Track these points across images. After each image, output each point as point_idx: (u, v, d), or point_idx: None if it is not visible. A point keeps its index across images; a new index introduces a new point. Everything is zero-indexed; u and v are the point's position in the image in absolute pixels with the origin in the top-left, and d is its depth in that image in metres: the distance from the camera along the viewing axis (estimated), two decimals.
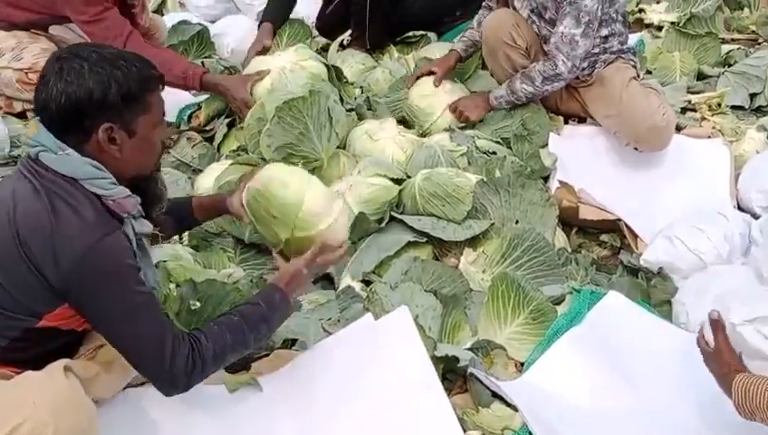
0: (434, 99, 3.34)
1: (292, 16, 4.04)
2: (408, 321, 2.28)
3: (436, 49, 3.94)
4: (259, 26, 3.94)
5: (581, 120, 3.44)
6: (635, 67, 3.30)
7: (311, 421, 2.11)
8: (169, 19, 4.38)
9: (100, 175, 1.76)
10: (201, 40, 4.17)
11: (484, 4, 3.54)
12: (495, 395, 2.24)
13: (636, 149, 3.20)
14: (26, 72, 3.52)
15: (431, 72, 3.38)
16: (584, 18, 3.03)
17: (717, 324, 1.94)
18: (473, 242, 2.74)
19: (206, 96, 3.63)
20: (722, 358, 1.92)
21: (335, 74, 3.45)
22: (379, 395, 2.15)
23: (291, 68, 3.21)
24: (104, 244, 1.71)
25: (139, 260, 1.85)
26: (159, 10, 4.60)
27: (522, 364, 2.37)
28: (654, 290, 2.59)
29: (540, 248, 2.66)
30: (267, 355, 2.35)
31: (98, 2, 3.35)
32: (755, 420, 1.83)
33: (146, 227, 1.90)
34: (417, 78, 3.43)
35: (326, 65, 3.31)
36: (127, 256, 1.78)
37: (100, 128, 1.73)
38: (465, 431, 2.11)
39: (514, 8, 3.32)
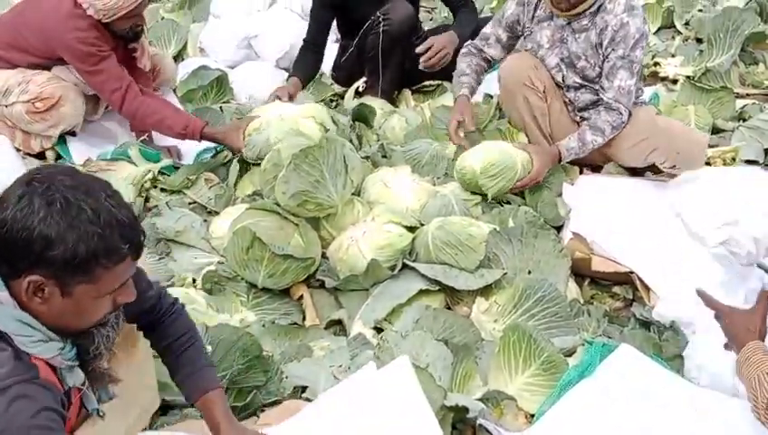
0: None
1: None
2: (408, 370, 2.26)
3: (452, 98, 3.99)
4: (287, 79, 4.01)
5: (596, 169, 3.46)
6: None
7: None
8: (189, 64, 4.46)
9: (24, 332, 1.61)
10: (220, 85, 4.23)
11: (471, 48, 3.58)
12: None
13: (673, 167, 3.26)
14: (33, 102, 3.61)
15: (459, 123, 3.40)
16: (636, 68, 3.21)
17: (766, 294, 2.16)
18: (485, 291, 2.74)
19: None
20: (752, 319, 2.12)
21: (363, 115, 3.65)
22: None
23: (279, 123, 3.27)
24: (4, 397, 1.54)
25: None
26: (180, 55, 4.67)
27: (532, 416, 2.36)
28: (666, 344, 2.59)
29: (552, 299, 2.66)
30: (277, 402, 2.37)
31: (94, 53, 3.48)
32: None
33: (76, 379, 1.73)
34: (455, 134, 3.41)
35: (325, 129, 3.32)
36: (34, 414, 1.55)
37: (27, 278, 1.56)
38: None
39: (527, 51, 3.39)
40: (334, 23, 4.20)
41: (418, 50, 3.85)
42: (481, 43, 3.54)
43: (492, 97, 3.78)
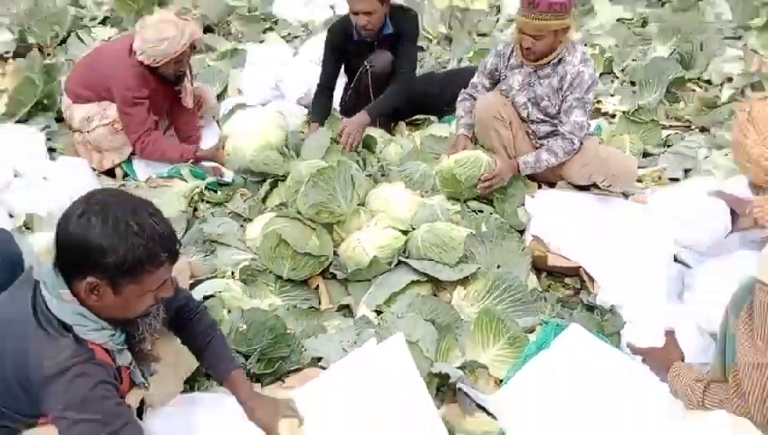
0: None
1: None
2: (403, 345, 2.25)
3: (437, 128, 3.99)
4: (309, 124, 4.02)
5: (551, 186, 3.47)
6: None
7: (327, 423, 2.11)
8: (230, 102, 4.45)
9: (83, 323, 1.62)
10: None
11: (465, 95, 3.59)
12: (479, 406, 2.24)
13: (609, 186, 3.29)
14: (113, 124, 3.65)
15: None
16: (588, 107, 3.25)
17: (672, 333, 2.29)
18: (463, 282, 2.74)
19: None
20: (668, 349, 2.28)
21: (368, 143, 3.70)
22: (380, 405, 2.12)
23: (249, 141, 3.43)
24: (68, 374, 1.56)
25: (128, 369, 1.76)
26: (222, 95, 4.66)
27: (500, 381, 2.37)
28: (606, 324, 2.58)
29: (516, 288, 2.66)
30: (298, 369, 2.36)
31: (130, 98, 3.55)
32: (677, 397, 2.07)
33: (125, 359, 1.73)
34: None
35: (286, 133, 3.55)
36: (92, 387, 1.58)
37: (86, 280, 1.57)
38: None
39: (501, 92, 3.41)
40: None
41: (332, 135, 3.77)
42: (471, 90, 3.57)
43: None
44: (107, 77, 3.59)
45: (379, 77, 3.86)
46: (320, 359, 2.42)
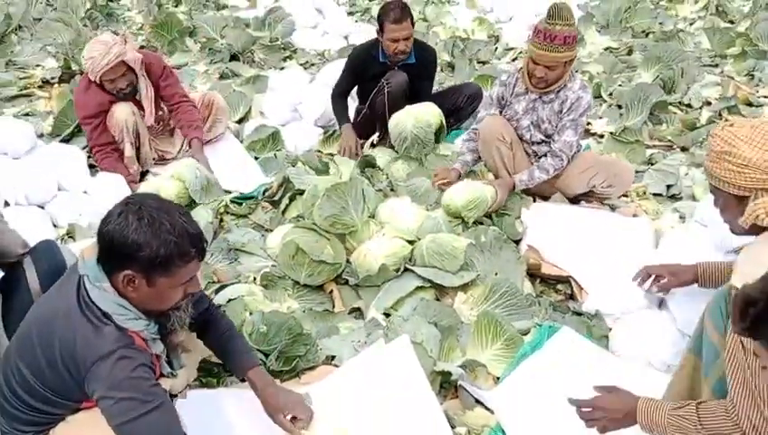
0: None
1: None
2: (408, 345, 2.26)
3: (441, 147, 3.96)
4: (340, 129, 4.08)
5: (545, 199, 3.46)
6: None
7: (340, 415, 2.10)
8: (253, 124, 4.47)
9: (122, 312, 1.64)
10: (275, 138, 4.22)
11: (466, 138, 3.57)
12: (478, 401, 2.23)
13: (609, 186, 3.32)
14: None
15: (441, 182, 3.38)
16: (579, 129, 3.26)
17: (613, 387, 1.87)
18: (464, 287, 2.74)
19: (275, 174, 3.74)
20: (618, 395, 1.83)
21: (370, 162, 3.66)
22: (387, 400, 2.13)
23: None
24: (112, 358, 1.58)
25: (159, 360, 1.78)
26: (246, 117, 4.68)
27: (497, 378, 2.36)
28: (594, 328, 2.57)
29: (512, 293, 2.65)
30: (314, 367, 2.36)
31: (81, 115, 3.55)
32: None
33: (157, 347, 1.76)
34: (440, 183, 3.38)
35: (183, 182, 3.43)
36: (133, 369, 1.60)
37: (123, 272, 1.60)
38: (453, 428, 2.08)
39: (507, 117, 3.41)
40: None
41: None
42: (477, 125, 3.51)
43: None
44: None
45: (395, 96, 3.88)
46: (333, 357, 2.42)
